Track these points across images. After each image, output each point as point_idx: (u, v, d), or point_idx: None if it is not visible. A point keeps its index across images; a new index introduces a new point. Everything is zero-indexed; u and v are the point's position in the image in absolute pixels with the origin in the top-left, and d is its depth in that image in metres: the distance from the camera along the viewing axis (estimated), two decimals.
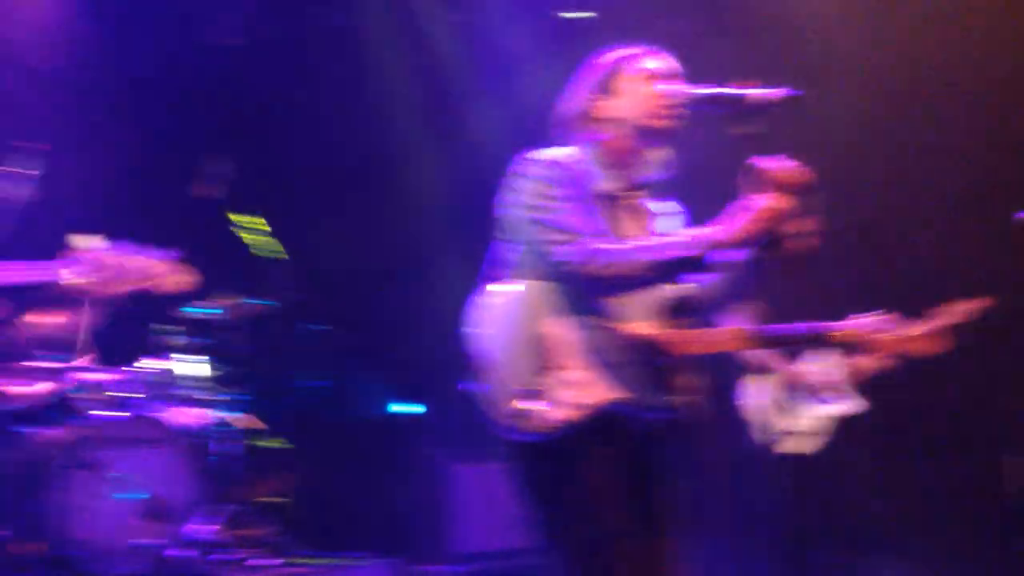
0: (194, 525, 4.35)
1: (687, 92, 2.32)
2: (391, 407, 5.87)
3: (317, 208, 6.06)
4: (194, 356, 4.82)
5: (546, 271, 2.26)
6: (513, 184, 2.34)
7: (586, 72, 2.44)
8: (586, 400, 2.18)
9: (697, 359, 2.37)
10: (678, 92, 2.34)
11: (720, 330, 2.40)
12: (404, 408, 5.85)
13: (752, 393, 4.53)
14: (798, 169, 2.18)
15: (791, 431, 4.43)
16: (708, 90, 2.28)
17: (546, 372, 2.19)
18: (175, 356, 4.77)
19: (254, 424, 5.11)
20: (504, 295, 2.30)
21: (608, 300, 2.26)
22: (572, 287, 2.24)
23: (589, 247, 2.20)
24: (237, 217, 4.72)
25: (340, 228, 5.94)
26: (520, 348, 2.22)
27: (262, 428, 5.21)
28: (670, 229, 2.44)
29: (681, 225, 2.50)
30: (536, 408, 2.17)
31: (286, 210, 5.68)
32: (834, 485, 4.55)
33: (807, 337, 2.55)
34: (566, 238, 2.21)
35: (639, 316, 2.30)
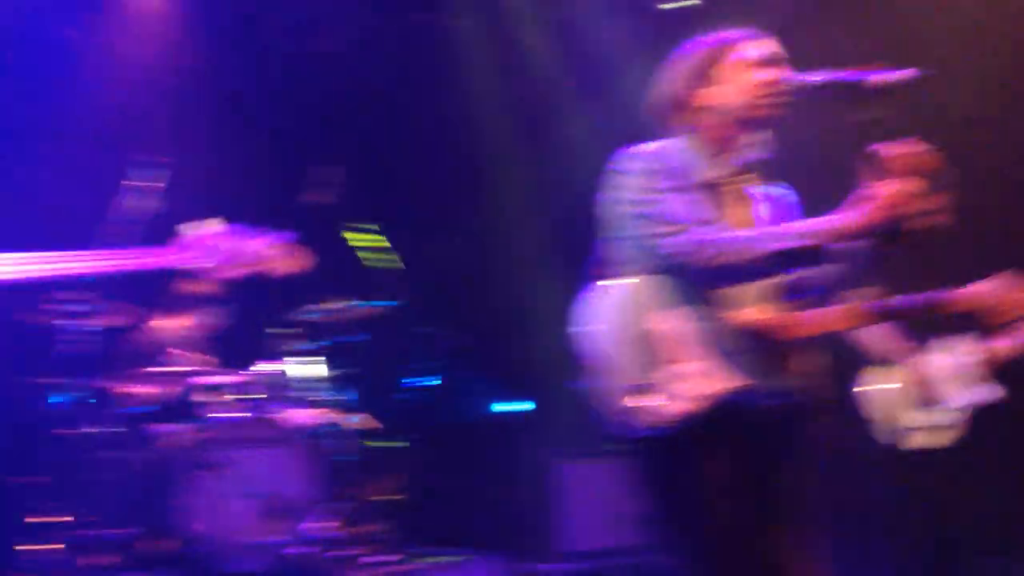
0: (312, 523, 4.46)
1: (798, 79, 2.25)
2: (495, 407, 5.90)
3: (424, 210, 6.14)
4: (309, 358, 4.95)
5: (653, 265, 2.21)
6: (614, 180, 2.31)
7: (684, 59, 2.37)
8: (702, 391, 2.13)
9: (813, 340, 2.30)
10: (781, 78, 2.27)
11: (834, 308, 2.32)
12: (510, 407, 5.87)
13: (876, 385, 4.33)
14: (924, 154, 2.08)
15: (920, 426, 4.18)
16: (823, 76, 2.20)
17: (660, 366, 2.16)
18: (291, 358, 4.90)
19: (368, 424, 5.20)
20: (612, 292, 2.28)
21: (718, 289, 2.21)
22: (681, 279, 2.19)
23: (698, 237, 2.15)
24: (353, 234, 4.82)
25: (447, 229, 6.01)
26: (632, 344, 2.19)
27: (376, 427, 5.30)
28: (779, 215, 2.37)
29: (792, 211, 2.43)
30: (652, 403, 2.14)
31: (393, 212, 5.77)
32: (973, 482, 4.31)
33: (926, 308, 2.44)
34: (673, 229, 2.17)
35: (750, 302, 2.24)
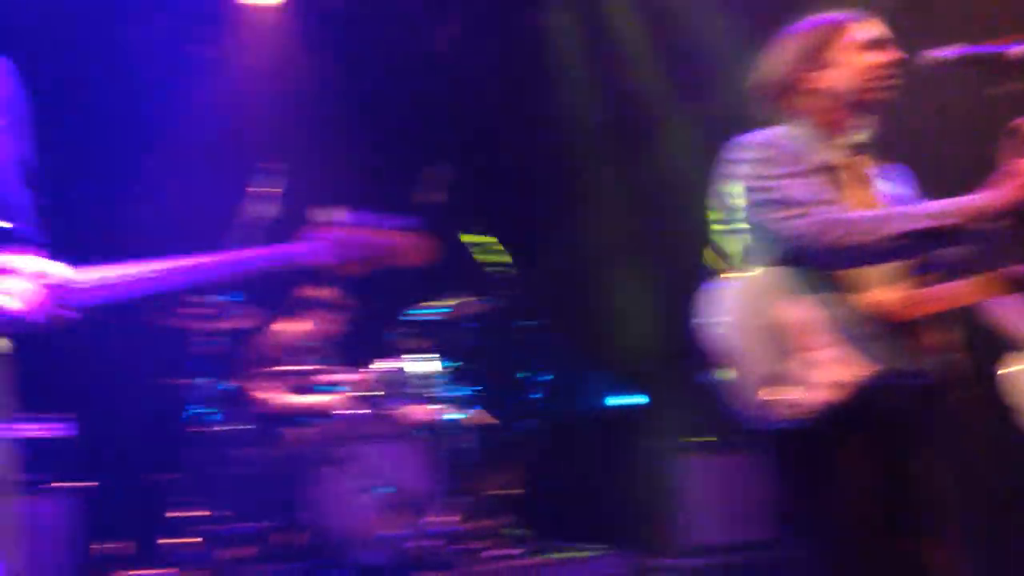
0: (434, 517, 4.54)
1: (934, 55, 2.17)
2: (610, 400, 5.88)
3: (534, 205, 6.16)
4: (425, 355, 5.03)
5: (775, 253, 2.17)
6: (728, 170, 2.28)
7: (792, 42, 2.32)
8: (838, 380, 2.08)
9: (946, 317, 2.21)
10: (893, 59, 2.22)
11: (966, 281, 2.22)
12: (625, 401, 5.84)
13: (1017, 369, 4.11)
14: None
15: None
16: (958, 51, 2.12)
17: (792, 356, 2.12)
18: (408, 356, 4.99)
19: (484, 419, 5.26)
20: (735, 283, 2.24)
21: (845, 272, 2.15)
22: (807, 264, 2.14)
23: (824, 217, 2.10)
24: (470, 237, 4.87)
25: (559, 223, 6.01)
26: (761, 335, 2.15)
27: (492, 423, 5.35)
28: (900, 196, 2.31)
29: (911, 190, 2.36)
30: (787, 394, 2.10)
31: (502, 209, 5.81)
32: None
33: None
34: (797, 212, 2.12)
35: (879, 284, 2.17)
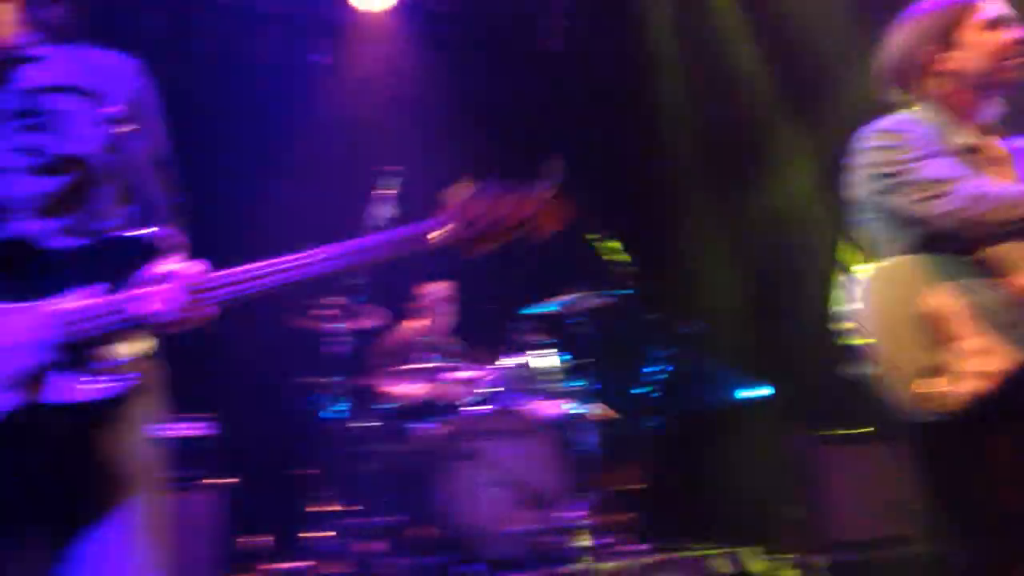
0: (562, 512, 4.55)
1: None
2: (739, 392, 5.78)
3: (657, 198, 6.12)
4: (548, 350, 5.05)
5: (914, 239, 2.12)
6: (860, 159, 2.23)
7: (918, 23, 2.28)
8: (985, 369, 1.99)
9: None
10: (1021, 37, 2.17)
11: None
12: (753, 392, 5.73)
13: None
14: None
15: None
16: None
17: (940, 346, 2.03)
18: (531, 351, 5.02)
19: (608, 414, 5.24)
20: (873, 273, 2.18)
21: (988, 254, 2.07)
22: (947, 245, 2.07)
23: (966, 193, 2.03)
24: (593, 238, 4.86)
25: (683, 215, 5.96)
26: (905, 325, 2.08)
27: (615, 417, 5.33)
28: None
29: None
30: (932, 386, 2.02)
31: (622, 202, 5.77)
32: None
33: None
34: (937, 190, 2.06)
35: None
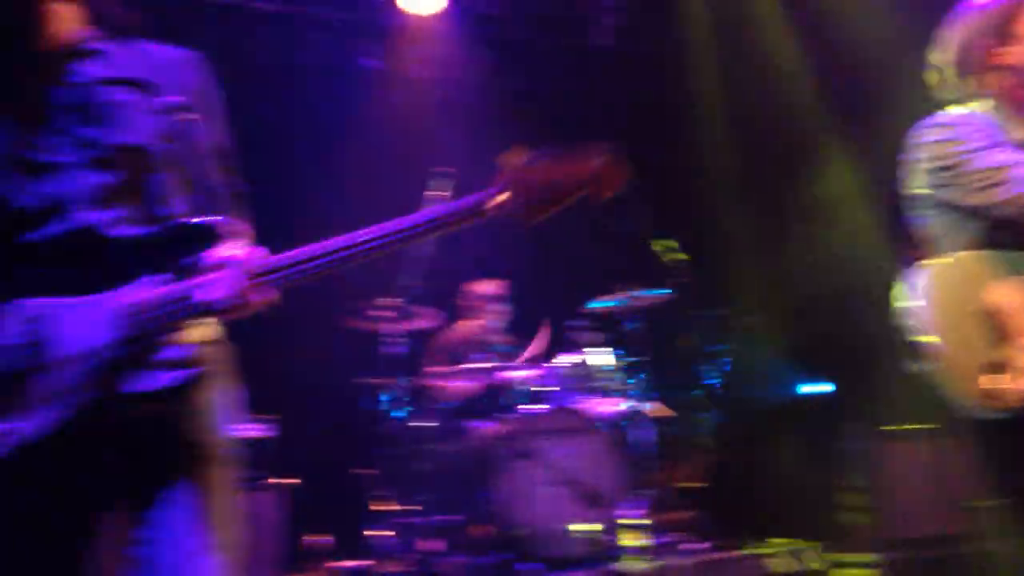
0: (620, 510, 4.55)
1: None
2: (800, 388, 5.72)
3: (713, 194, 6.09)
4: (603, 348, 5.05)
5: (974, 232, 2.10)
6: (917, 153, 2.21)
7: (975, 18, 2.26)
8: None
9: None
10: None
11: None
12: (814, 388, 5.66)
13: None
14: None
15: None
16: None
17: (1002, 342, 2.00)
18: (587, 349, 5.03)
19: (663, 412, 5.23)
20: (936, 269, 2.16)
21: None
22: (1010, 240, 2.05)
23: None
24: (649, 236, 4.85)
25: (740, 212, 5.91)
26: (967, 321, 2.05)
27: (671, 415, 5.31)
28: None
29: None
30: (996, 382, 1.99)
31: (677, 199, 5.76)
32: None
33: None
34: (996, 178, 2.05)
35: None
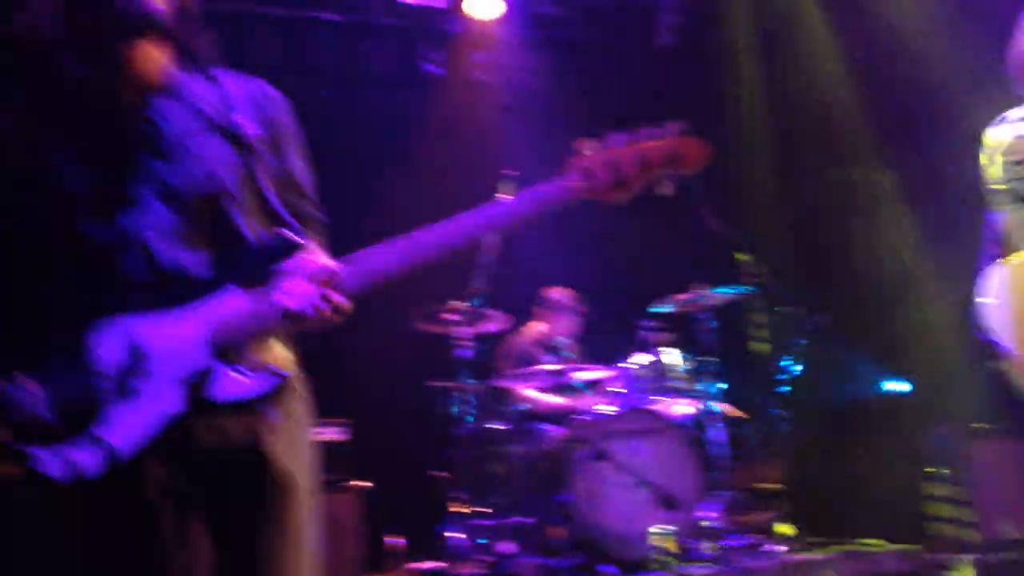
0: (699, 512, 4.45)
1: None
2: (876, 387, 5.57)
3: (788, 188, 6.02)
4: (676, 348, 4.96)
5: None
6: (993, 150, 2.18)
7: None
8: None
9: None
10: None
11: None
12: (890, 387, 5.51)
13: None
14: None
15: None
16: None
17: None
18: (659, 349, 4.94)
19: (735, 413, 5.13)
20: (1010, 267, 2.08)
21: None
22: None
23: None
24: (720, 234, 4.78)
25: (816, 207, 5.82)
26: None
27: (743, 417, 5.21)
28: None
29: None
30: None
31: (747, 196, 5.67)
32: None
33: None
34: None
35: None
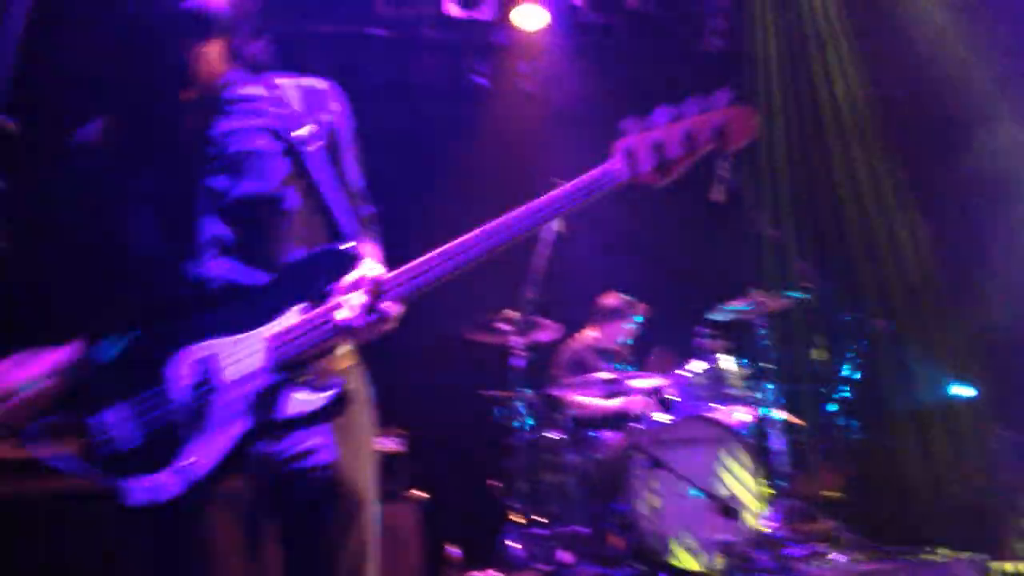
0: (755, 521, 4.38)
1: None
2: (940, 392, 5.45)
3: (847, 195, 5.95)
4: (733, 355, 4.90)
5: None
6: None
7: None
8: None
9: None
10: None
11: None
12: (954, 392, 5.39)
13: None
14: None
15: None
16: None
17: None
18: (717, 356, 4.88)
19: (793, 420, 5.06)
20: None
21: None
22: None
23: None
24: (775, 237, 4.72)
25: (871, 211, 5.74)
26: None
27: (801, 424, 5.13)
28: None
29: None
30: None
31: (804, 199, 5.60)
32: None
33: None
34: None
35: None
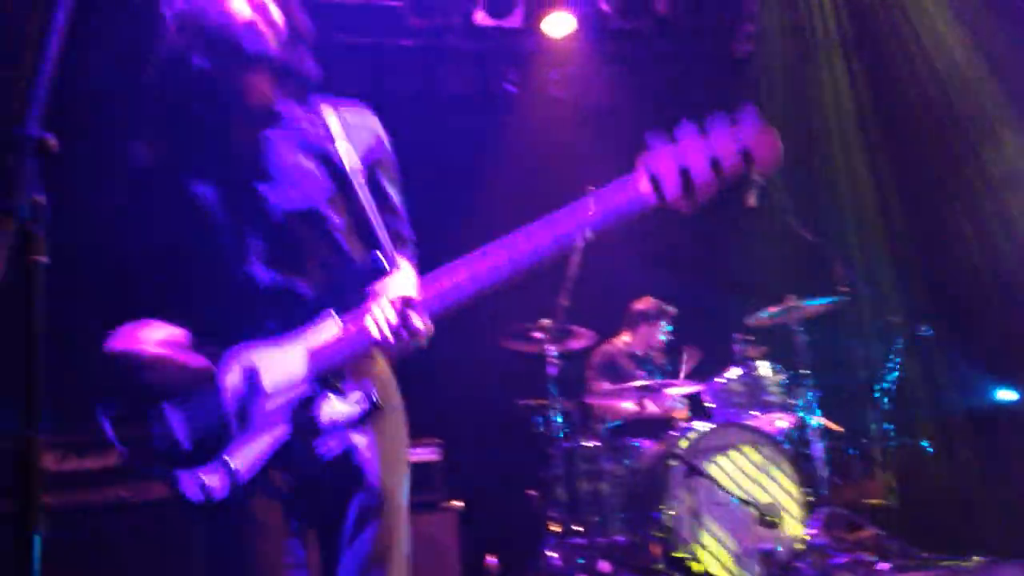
0: (797, 529, 4.29)
1: None
2: (984, 397, 5.32)
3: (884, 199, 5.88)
4: (770, 361, 4.82)
5: None
6: None
7: None
8: None
9: None
10: None
11: None
12: (1005, 395, 5.26)
13: None
14: None
15: None
16: None
17: None
18: (753, 363, 4.80)
19: (833, 427, 4.96)
20: None
21: None
22: None
23: None
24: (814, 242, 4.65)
25: (915, 212, 5.68)
26: None
27: (840, 431, 5.03)
28: None
29: None
30: None
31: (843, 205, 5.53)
32: None
33: None
34: None
35: None
